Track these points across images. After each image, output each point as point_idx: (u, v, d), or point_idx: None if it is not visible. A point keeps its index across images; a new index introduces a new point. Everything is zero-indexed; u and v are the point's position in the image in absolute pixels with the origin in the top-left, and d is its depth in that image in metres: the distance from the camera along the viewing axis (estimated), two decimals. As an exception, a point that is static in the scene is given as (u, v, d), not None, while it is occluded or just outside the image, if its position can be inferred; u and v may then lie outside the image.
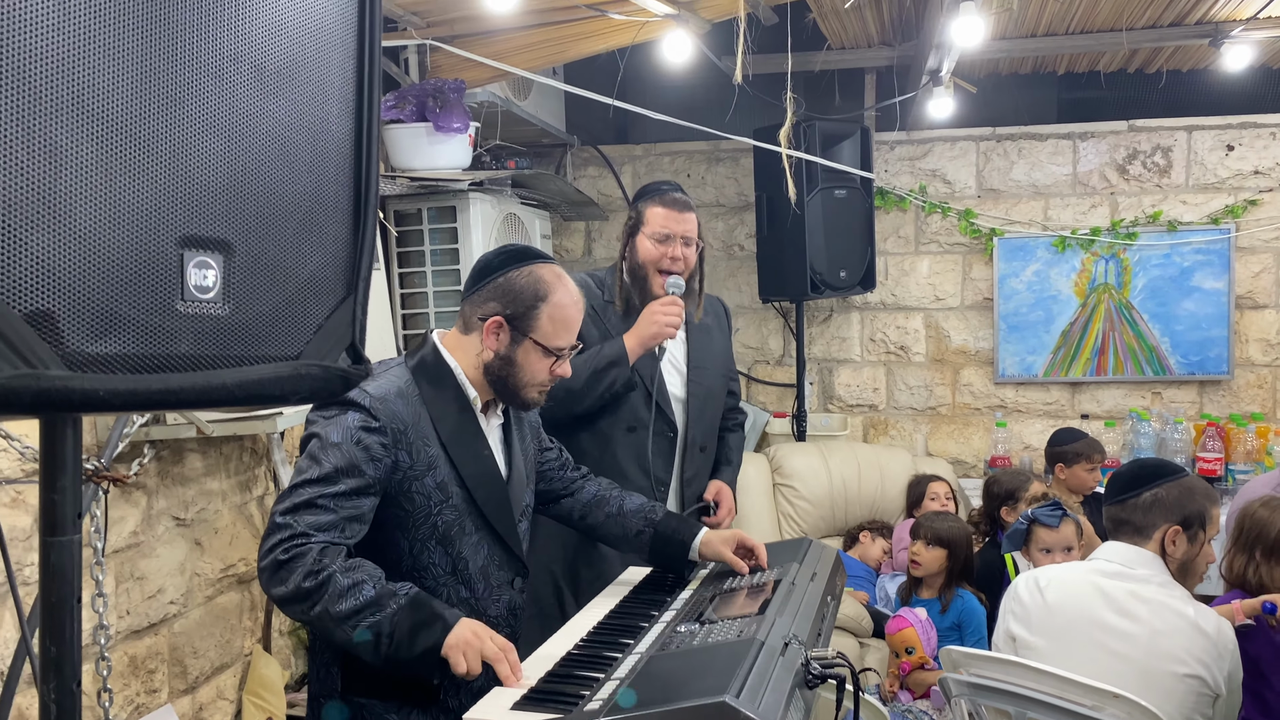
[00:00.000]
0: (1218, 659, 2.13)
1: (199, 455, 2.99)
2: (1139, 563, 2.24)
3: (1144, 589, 2.20)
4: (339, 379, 1.11)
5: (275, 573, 1.66)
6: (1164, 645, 2.13)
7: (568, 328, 1.91)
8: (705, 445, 2.77)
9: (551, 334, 1.88)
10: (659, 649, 1.58)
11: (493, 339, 1.88)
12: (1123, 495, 2.31)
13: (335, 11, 1.11)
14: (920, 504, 4.10)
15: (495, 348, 1.88)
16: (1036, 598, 2.29)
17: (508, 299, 1.87)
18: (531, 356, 1.89)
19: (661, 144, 4.98)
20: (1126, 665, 2.14)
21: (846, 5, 3.54)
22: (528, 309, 1.87)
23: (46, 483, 1.01)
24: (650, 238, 2.62)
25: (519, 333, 1.87)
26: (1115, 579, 2.23)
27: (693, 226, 2.66)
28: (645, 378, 2.63)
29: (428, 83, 3.47)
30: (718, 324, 2.87)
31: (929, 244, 4.85)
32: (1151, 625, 2.15)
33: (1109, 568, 2.25)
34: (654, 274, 2.63)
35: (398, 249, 3.67)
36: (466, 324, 1.93)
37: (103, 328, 0.87)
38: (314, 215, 1.09)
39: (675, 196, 2.67)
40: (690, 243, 2.65)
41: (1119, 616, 2.19)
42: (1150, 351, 4.68)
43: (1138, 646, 2.15)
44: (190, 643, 2.98)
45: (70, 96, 0.85)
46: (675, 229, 2.61)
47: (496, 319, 1.87)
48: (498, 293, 1.88)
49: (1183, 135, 4.66)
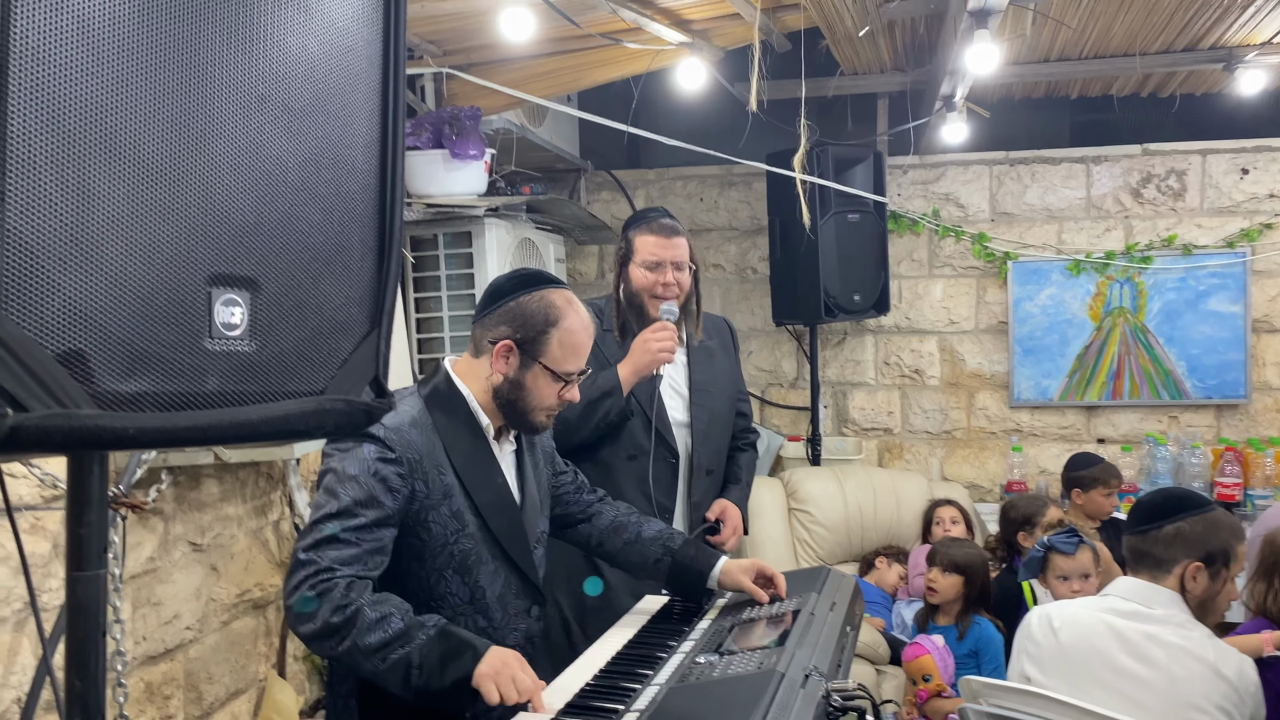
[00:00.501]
0: (1239, 704, 2.07)
1: (215, 481, 3.00)
2: (1157, 601, 2.16)
3: (1162, 631, 2.12)
4: (363, 413, 1.12)
5: (302, 610, 1.66)
6: (1183, 692, 2.06)
7: (577, 353, 1.92)
8: (712, 469, 2.75)
9: (561, 359, 1.89)
10: (678, 681, 1.57)
11: (502, 362, 1.89)
12: (1144, 526, 2.23)
13: (361, 51, 1.13)
14: (930, 529, 4.08)
15: (504, 371, 1.89)
16: (1050, 638, 2.21)
17: (518, 323, 1.88)
18: (540, 381, 1.89)
19: (674, 168, 5.00)
20: (1143, 712, 2.08)
21: (861, 33, 3.56)
22: (538, 334, 1.88)
23: (74, 517, 1.01)
24: (641, 266, 2.63)
25: (528, 357, 1.88)
26: (1131, 619, 2.15)
27: (683, 251, 2.65)
28: (644, 403, 2.62)
29: (444, 110, 3.50)
30: (721, 344, 2.85)
31: (943, 267, 4.85)
32: (1169, 671, 2.08)
33: (1125, 606, 2.18)
34: (649, 301, 2.63)
35: (414, 275, 3.68)
36: (477, 347, 1.94)
37: (132, 366, 0.88)
38: (339, 252, 1.09)
39: (663, 223, 2.66)
40: (682, 267, 2.64)
41: (1135, 661, 2.11)
42: (1166, 375, 4.66)
43: (1155, 693, 2.08)
44: (205, 668, 2.98)
45: (101, 138, 0.86)
46: (665, 255, 2.61)
47: (506, 343, 1.88)
48: (508, 316, 1.89)
49: (1197, 159, 4.65)
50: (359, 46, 1.13)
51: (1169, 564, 2.19)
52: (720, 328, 2.90)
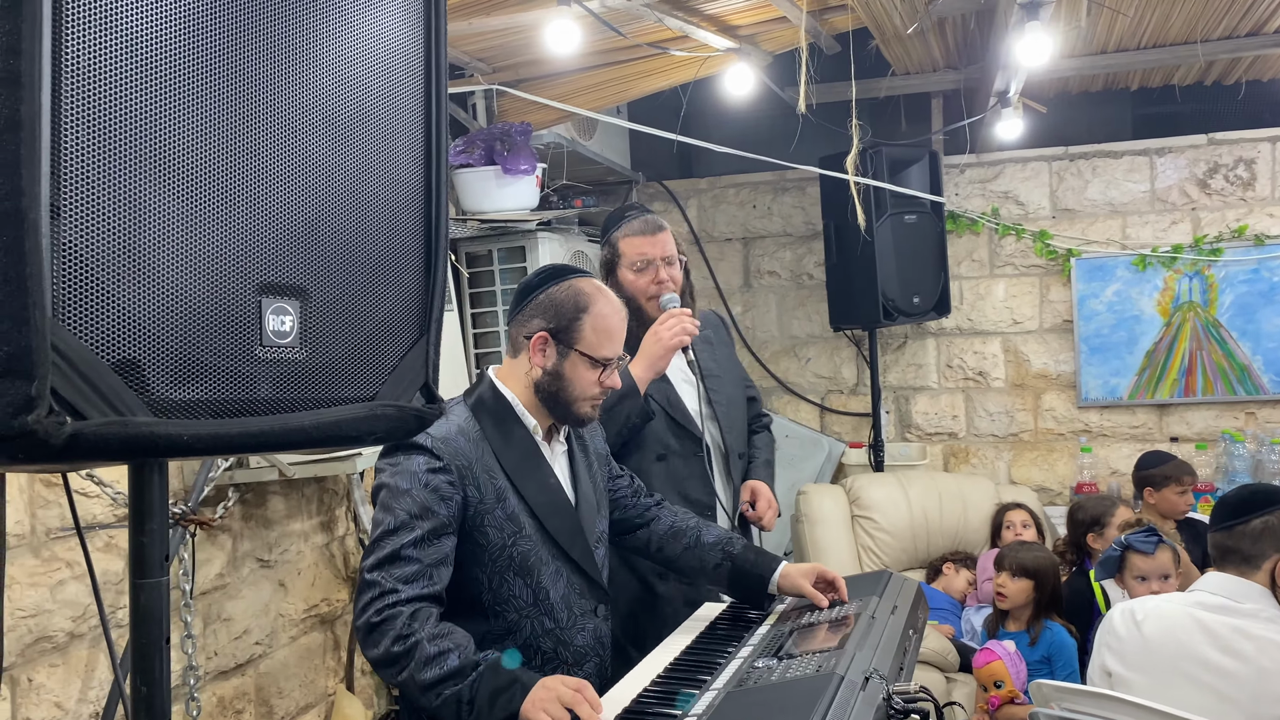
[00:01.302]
0: None
1: (281, 498, 3.06)
2: (1246, 595, 2.11)
3: (1251, 625, 2.07)
4: (414, 418, 1.13)
5: (369, 635, 1.69)
6: (1272, 686, 2.01)
7: (611, 337, 1.93)
8: (743, 452, 2.68)
9: (596, 344, 1.90)
10: (736, 685, 1.55)
11: (539, 355, 1.90)
12: (1230, 521, 2.17)
13: (403, 64, 1.15)
14: (1000, 534, 4.00)
15: (543, 364, 1.90)
16: (1133, 631, 2.18)
17: (550, 313, 1.90)
18: (579, 369, 1.90)
19: (726, 176, 4.99)
20: (1230, 706, 2.02)
21: (909, 30, 3.52)
22: (570, 321, 1.89)
23: (135, 526, 1.04)
24: (630, 269, 2.52)
25: (564, 345, 1.89)
26: (1219, 613, 2.10)
27: (670, 245, 2.55)
28: (660, 400, 2.53)
29: (495, 127, 3.54)
30: (717, 336, 2.77)
31: (1004, 266, 4.77)
32: (1258, 664, 2.03)
33: (1212, 600, 2.13)
34: (645, 304, 2.52)
35: (470, 290, 3.73)
36: (514, 346, 1.96)
37: (186, 374, 0.90)
38: (386, 259, 1.11)
39: (645, 220, 2.56)
40: (672, 262, 2.54)
41: (1222, 654, 2.06)
42: (1241, 370, 4.52)
43: (1243, 687, 2.03)
44: (275, 683, 3.03)
45: (152, 151, 0.89)
46: (653, 252, 2.51)
47: (542, 334, 1.89)
48: (540, 309, 1.91)
49: (1266, 146, 4.51)
50: (401, 60, 1.15)
51: (1258, 559, 2.14)
52: (713, 321, 2.82)
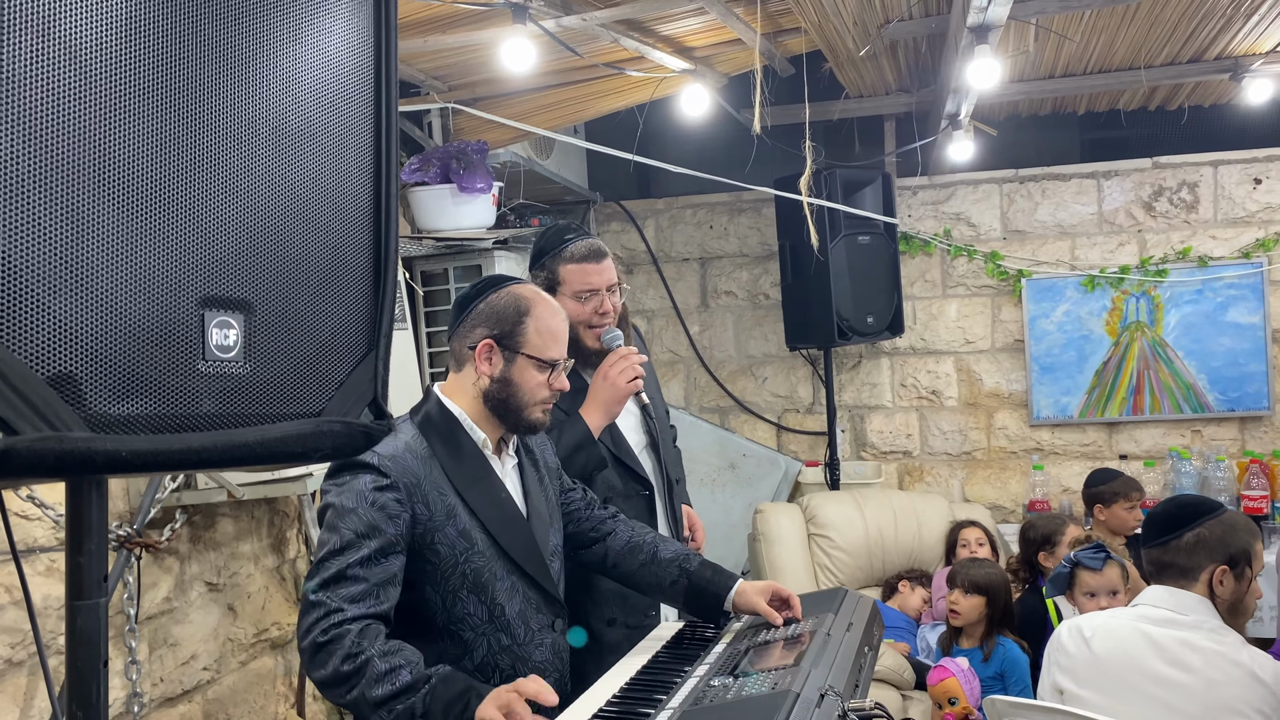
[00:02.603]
0: (1277, 708, 2.05)
1: (230, 519, 3.00)
2: (1187, 608, 2.15)
3: (1195, 637, 2.12)
4: (361, 435, 1.11)
5: (314, 655, 1.65)
6: (1220, 697, 2.05)
7: (556, 338, 1.93)
8: (680, 477, 2.64)
9: (542, 346, 1.91)
10: (692, 704, 1.54)
11: (485, 363, 1.89)
12: (1163, 538, 2.22)
13: (352, 76, 1.14)
14: (954, 551, 4.03)
15: (490, 371, 1.89)
16: (1083, 648, 2.20)
17: (491, 320, 1.90)
18: (528, 373, 1.90)
19: (683, 197, 5.02)
20: (1181, 718, 2.06)
21: (862, 53, 3.57)
22: (514, 325, 1.89)
23: (72, 546, 1.01)
24: (573, 298, 2.36)
25: (510, 350, 1.89)
26: (1164, 626, 2.14)
27: (613, 272, 2.42)
28: (607, 444, 2.41)
29: (451, 145, 3.53)
30: (644, 350, 2.64)
31: (956, 287, 4.83)
32: (1206, 676, 2.07)
33: (1157, 614, 2.17)
34: (585, 331, 2.38)
35: (425, 308, 3.70)
36: (458, 359, 1.94)
37: (125, 389, 0.88)
38: (334, 273, 1.10)
39: (588, 245, 2.40)
40: (614, 290, 2.42)
41: (1171, 667, 2.10)
42: (1187, 389, 4.61)
43: (1193, 699, 2.06)
44: (224, 709, 2.96)
45: (93, 162, 0.87)
46: (598, 282, 2.37)
47: (486, 342, 1.89)
48: (480, 318, 1.91)
49: (1209, 170, 4.63)
50: (350, 73, 1.14)
51: (1195, 571, 2.18)
52: (636, 338, 2.68)
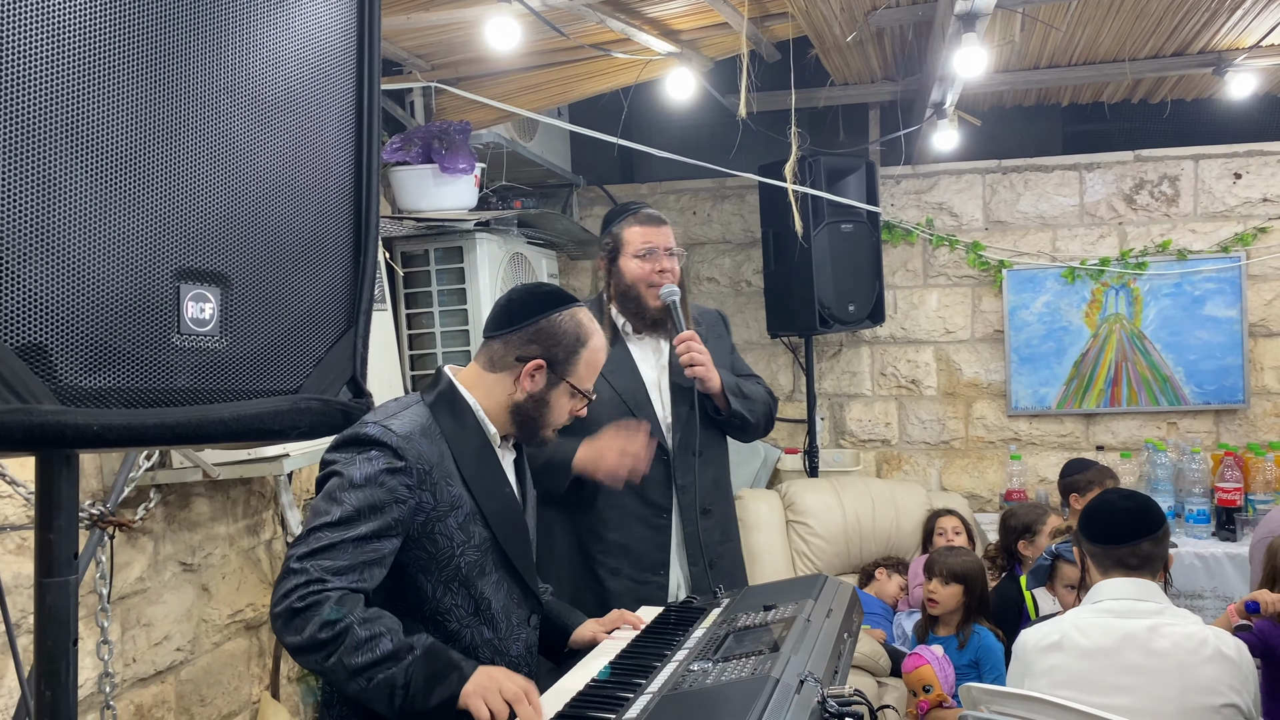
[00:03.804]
0: (1244, 682, 2.11)
1: (206, 499, 2.97)
2: (1149, 594, 2.22)
3: (1160, 622, 2.17)
4: (339, 413, 1.10)
5: (290, 621, 1.62)
6: (1196, 678, 2.09)
7: (596, 371, 1.96)
8: (702, 450, 2.65)
9: (584, 378, 1.93)
10: (671, 688, 1.54)
11: (529, 380, 1.88)
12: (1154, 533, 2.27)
13: (334, 46, 1.11)
14: (931, 539, 4.05)
15: (530, 389, 1.88)
16: (1056, 656, 2.21)
17: (550, 343, 1.88)
18: (563, 399, 1.91)
19: (667, 182, 5.00)
20: (1161, 704, 2.09)
21: (848, 39, 3.56)
22: (569, 354, 1.89)
23: (42, 523, 0.99)
24: (634, 257, 2.58)
25: (556, 376, 1.89)
26: (1130, 617, 2.19)
27: (672, 238, 2.63)
28: (628, 400, 2.57)
29: (433, 125, 3.49)
30: (712, 331, 2.77)
31: (937, 277, 4.84)
32: (1178, 659, 2.11)
33: (1121, 606, 2.21)
34: (645, 291, 2.58)
35: (405, 290, 3.67)
36: (495, 362, 1.91)
37: (97, 361, 0.86)
38: (313, 248, 1.08)
39: (648, 213, 2.64)
40: (673, 254, 2.61)
41: (1145, 655, 2.14)
42: (1164, 381, 4.64)
43: (1170, 683, 2.10)
44: (198, 690, 2.94)
45: (67, 129, 0.84)
46: (658, 241, 2.58)
47: (538, 362, 1.87)
48: (541, 335, 1.88)
49: (1189, 164, 4.65)
50: (333, 43, 1.11)
51: (1156, 561, 2.26)
52: (711, 317, 2.84)
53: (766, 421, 2.76)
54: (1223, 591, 4.00)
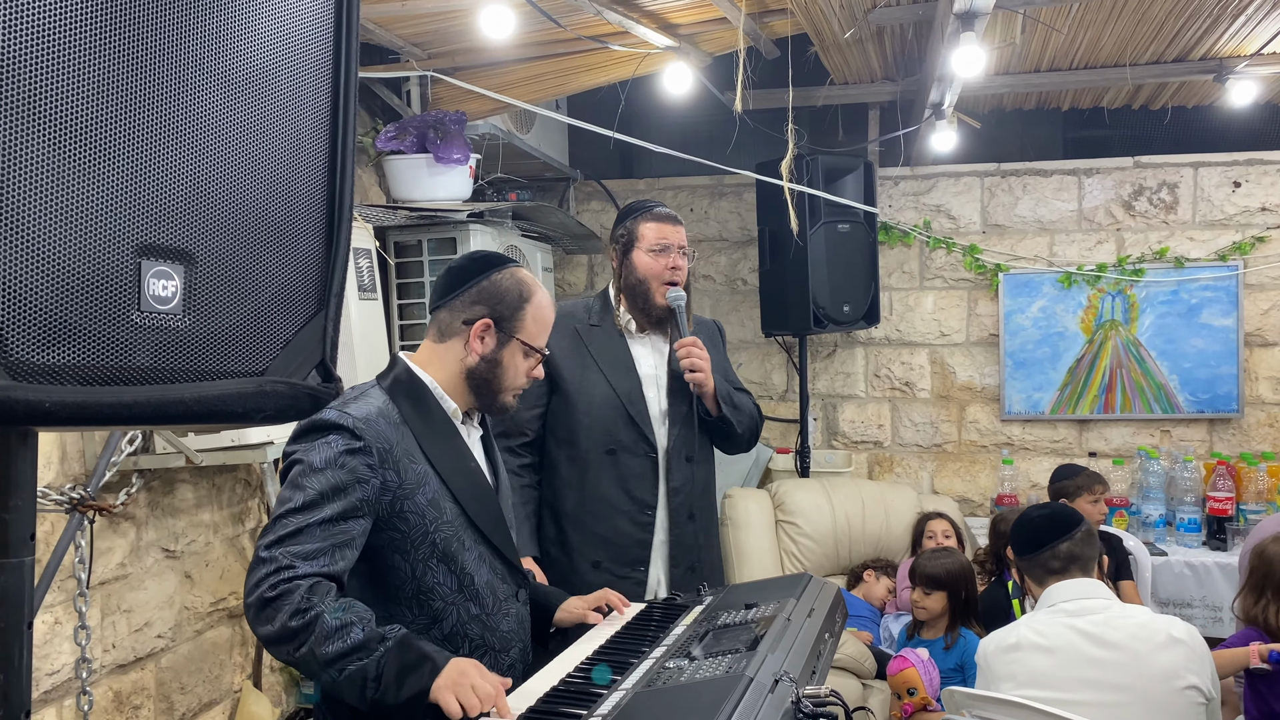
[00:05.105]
0: (1200, 662, 2.17)
1: (190, 486, 2.95)
2: (1093, 591, 2.29)
3: (1110, 615, 2.23)
4: (307, 397, 1.07)
5: (261, 611, 1.61)
6: (1154, 665, 2.15)
7: (546, 328, 1.96)
8: (692, 455, 2.67)
9: (535, 334, 1.92)
10: (645, 685, 1.52)
11: (478, 342, 1.88)
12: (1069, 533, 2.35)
13: (310, 22, 1.09)
14: (921, 542, 4.03)
15: (481, 351, 1.89)
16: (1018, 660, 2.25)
17: (493, 301, 1.89)
18: (516, 358, 1.91)
19: (664, 178, 4.98)
20: (1127, 695, 2.14)
21: (847, 37, 3.54)
22: (514, 310, 1.90)
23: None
24: (648, 252, 2.60)
25: (505, 334, 1.89)
26: (1082, 615, 2.24)
27: (684, 237, 2.65)
28: (623, 395, 2.59)
29: (429, 114, 3.47)
30: (710, 343, 2.78)
31: (933, 279, 4.82)
32: (1131, 649, 2.17)
33: (1071, 606, 2.27)
34: (656, 286, 2.61)
35: (397, 280, 3.65)
36: (443, 331, 1.92)
37: (51, 337, 0.84)
38: (284, 228, 1.05)
39: (664, 211, 2.67)
40: (685, 253, 2.64)
41: (1101, 648, 2.19)
42: (1159, 389, 4.62)
43: (1127, 671, 2.16)
44: (178, 678, 2.92)
45: (23, 96, 0.82)
46: (673, 239, 2.61)
47: (484, 321, 1.88)
48: (483, 296, 1.89)
49: (1189, 171, 4.63)
50: (310, 18, 1.09)
51: (1088, 561, 2.34)
52: (709, 328, 2.86)
53: (751, 435, 2.78)
54: (1212, 600, 3.99)
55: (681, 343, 2.58)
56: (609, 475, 2.57)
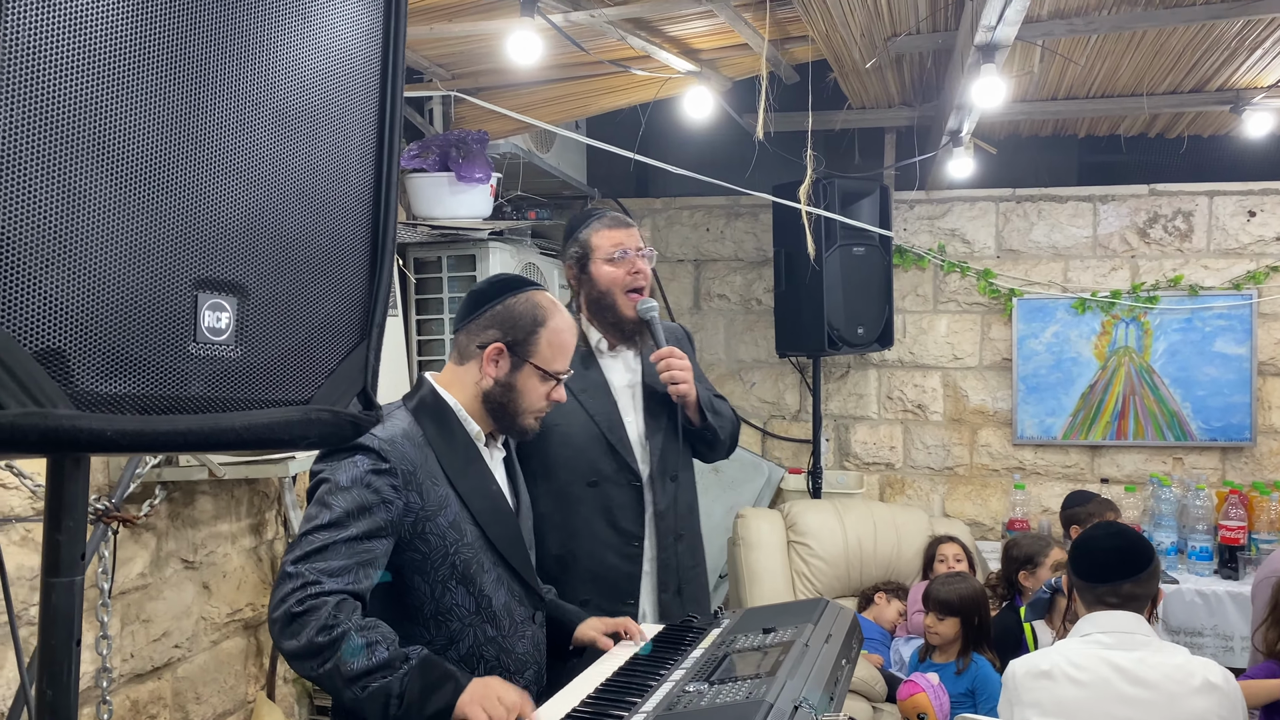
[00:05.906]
0: (1233, 710, 2.13)
1: (210, 498, 2.98)
2: (1135, 627, 2.23)
3: (1148, 653, 2.19)
4: (349, 425, 1.10)
5: (288, 625, 1.63)
6: (1187, 709, 2.11)
7: (564, 352, 1.94)
8: (676, 474, 2.55)
9: (550, 358, 1.92)
10: (665, 709, 1.54)
11: (492, 366, 1.90)
12: (1142, 571, 2.27)
13: (359, 59, 1.12)
14: (932, 566, 4.04)
15: (495, 375, 1.90)
16: (1048, 686, 2.22)
17: (507, 325, 1.90)
18: (531, 382, 1.91)
19: (681, 198, 5.01)
20: None
21: (867, 65, 3.57)
22: (527, 334, 1.90)
23: (51, 523, 0.99)
24: (605, 261, 2.45)
25: (518, 358, 1.90)
26: (1119, 649, 2.20)
27: (639, 239, 2.51)
28: (603, 425, 2.45)
29: (451, 133, 3.52)
30: (682, 348, 2.60)
31: (947, 303, 4.84)
32: (1167, 690, 2.13)
33: (1110, 639, 2.22)
34: (620, 295, 2.46)
35: (416, 296, 3.68)
36: (462, 354, 1.94)
37: (113, 367, 0.87)
38: (330, 260, 1.08)
39: (615, 216, 2.54)
40: (644, 255, 2.49)
41: (1135, 686, 2.15)
42: (1171, 416, 4.63)
43: (1161, 714, 2.12)
44: (194, 688, 2.94)
45: (92, 136, 0.86)
46: (629, 243, 2.46)
47: (497, 345, 1.89)
48: (496, 320, 1.91)
49: (1204, 200, 4.65)
50: (358, 56, 1.12)
51: (1143, 599, 2.27)
52: (676, 333, 2.69)
53: (732, 441, 2.67)
54: (1223, 630, 3.98)
55: (658, 354, 2.45)
56: (591, 508, 2.42)
